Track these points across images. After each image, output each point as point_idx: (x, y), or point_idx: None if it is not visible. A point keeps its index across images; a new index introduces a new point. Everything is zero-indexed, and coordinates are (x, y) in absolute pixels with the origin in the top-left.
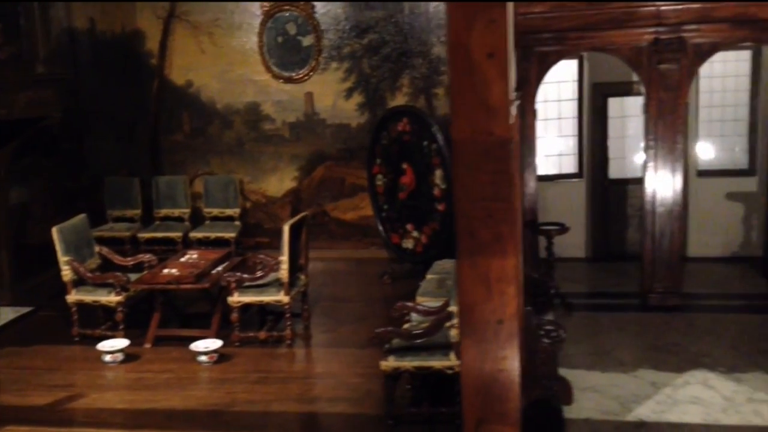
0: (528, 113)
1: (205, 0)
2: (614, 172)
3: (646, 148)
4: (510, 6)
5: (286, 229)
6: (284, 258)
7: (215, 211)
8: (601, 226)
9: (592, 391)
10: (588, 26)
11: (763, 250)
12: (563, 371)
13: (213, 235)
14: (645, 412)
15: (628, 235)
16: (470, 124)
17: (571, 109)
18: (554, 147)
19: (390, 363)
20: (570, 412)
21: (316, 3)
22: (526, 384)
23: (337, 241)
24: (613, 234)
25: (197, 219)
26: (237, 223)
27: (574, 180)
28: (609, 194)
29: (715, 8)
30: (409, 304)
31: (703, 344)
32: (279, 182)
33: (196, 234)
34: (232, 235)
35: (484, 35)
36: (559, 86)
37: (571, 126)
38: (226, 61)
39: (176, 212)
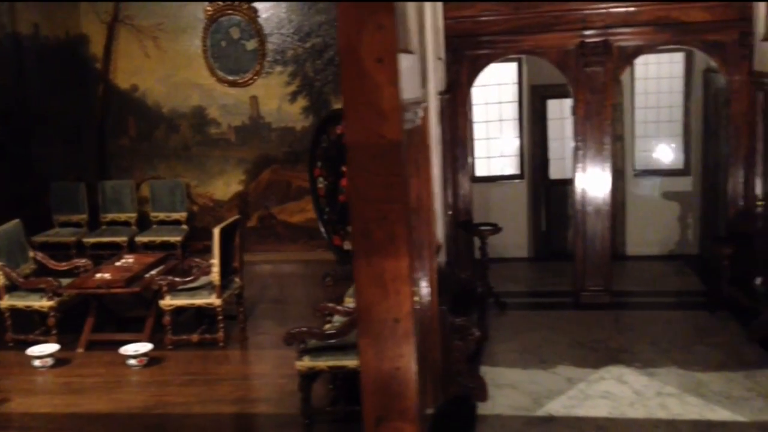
0: (460, 115)
1: (150, 0)
2: (554, 172)
3: (575, 149)
4: (439, 10)
5: (216, 232)
6: (215, 261)
7: (162, 215)
8: (543, 226)
9: (509, 387)
10: (517, 30)
11: (698, 248)
12: (486, 368)
13: (159, 239)
14: (556, 407)
15: (568, 234)
16: (362, 127)
17: (511, 111)
18: (496, 148)
19: (305, 363)
20: (484, 408)
21: (259, 7)
22: (443, 381)
23: (284, 243)
24: (554, 234)
25: (144, 223)
26: (184, 226)
27: (516, 181)
28: (550, 195)
29: (638, 12)
30: (331, 305)
31: (624, 340)
32: (226, 186)
33: (141, 238)
34: (178, 238)
35: (373, 40)
36: (500, 89)
37: (512, 128)
38: (170, 65)
39: (123, 217)
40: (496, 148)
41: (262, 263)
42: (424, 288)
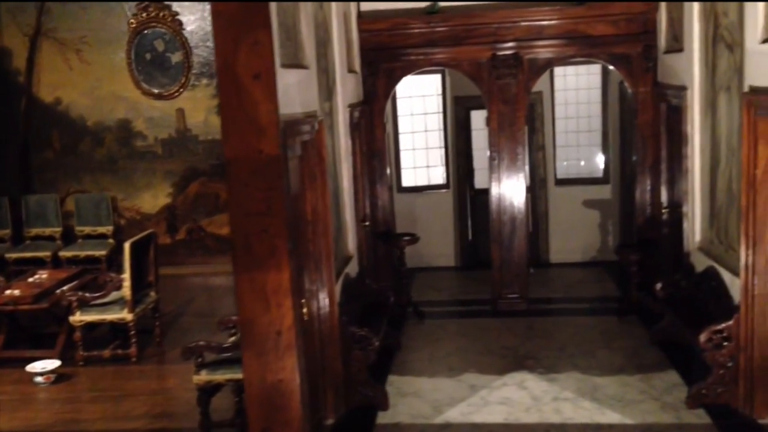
0: (377, 127)
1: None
2: (479, 182)
3: (490, 160)
4: (353, 24)
5: (126, 247)
6: (126, 276)
7: (87, 230)
8: (469, 236)
9: (413, 396)
10: (431, 43)
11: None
12: (394, 377)
13: (83, 253)
14: (454, 414)
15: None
16: (241, 142)
17: (436, 121)
18: (422, 159)
19: (202, 377)
20: (384, 417)
21: (184, 20)
22: (344, 391)
23: (214, 255)
24: (480, 243)
25: (70, 237)
26: (110, 240)
27: (442, 191)
28: (475, 204)
29: (547, 26)
30: (234, 317)
31: (533, 347)
32: (153, 199)
33: (66, 253)
34: (103, 253)
35: (249, 57)
36: (425, 100)
37: (437, 138)
38: (94, 78)
39: (47, 231)
40: (422, 158)
41: (192, 276)
42: (323, 299)
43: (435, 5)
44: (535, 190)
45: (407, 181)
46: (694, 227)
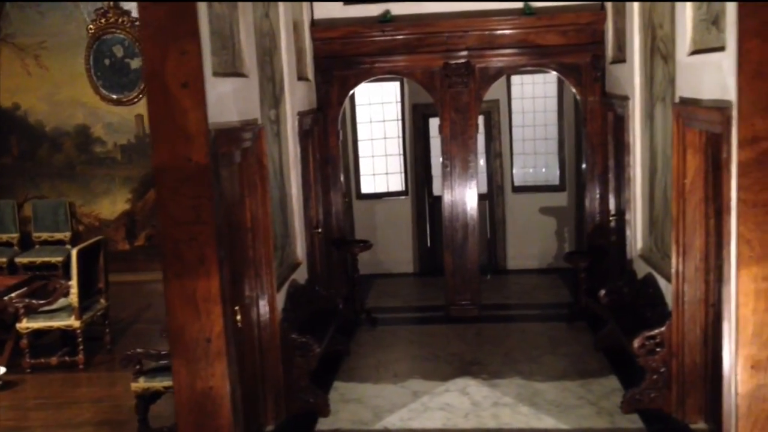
0: (331, 135)
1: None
2: (438, 189)
3: (443, 167)
4: (305, 32)
5: (73, 254)
6: (73, 283)
7: (45, 235)
8: (427, 242)
9: (356, 402)
10: (383, 51)
11: None
12: (339, 384)
13: (39, 259)
14: (393, 420)
15: None
16: (169, 150)
17: (395, 129)
18: (381, 166)
19: (140, 384)
20: (324, 423)
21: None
22: (285, 398)
23: None
24: (439, 249)
25: (28, 243)
26: (68, 246)
27: (401, 198)
28: (433, 211)
29: (497, 36)
30: None
31: (480, 353)
32: (112, 205)
33: (22, 259)
34: (60, 259)
35: (177, 66)
36: (384, 107)
37: (396, 145)
38: (53, 84)
39: (4, 237)
40: (381, 165)
41: (150, 283)
42: (263, 306)
43: (387, 14)
44: (493, 197)
45: (366, 188)
46: (636, 235)
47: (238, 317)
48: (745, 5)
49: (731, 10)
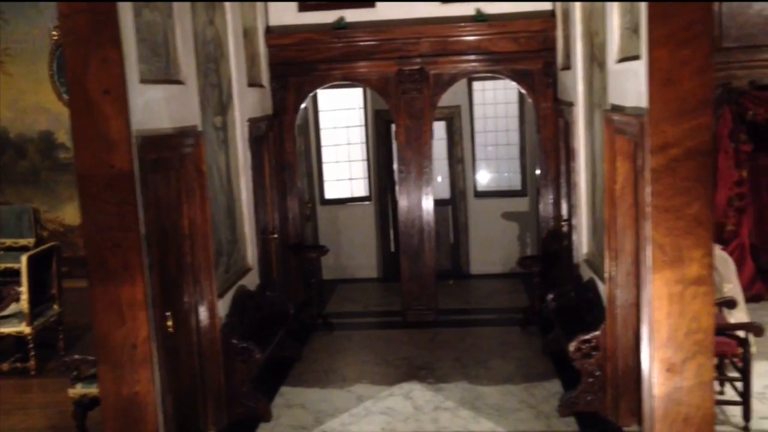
0: (287, 140)
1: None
2: None
3: (399, 173)
4: (260, 39)
5: (23, 260)
6: (23, 289)
7: (9, 242)
8: (391, 247)
9: (299, 407)
10: (338, 58)
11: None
12: (286, 389)
13: (2, 265)
14: (334, 424)
15: None
16: (92, 157)
17: (359, 135)
18: (345, 171)
19: (77, 390)
20: (265, 428)
21: None
22: (226, 403)
23: None
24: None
25: None
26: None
27: (365, 203)
28: (397, 216)
29: (451, 42)
30: None
31: (430, 357)
32: (76, 210)
33: None
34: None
35: (99, 73)
36: (347, 113)
37: (360, 151)
38: (17, 90)
39: None
40: (345, 171)
41: None
42: (203, 312)
43: (342, 21)
44: (455, 202)
45: (330, 193)
46: (582, 239)
47: (170, 323)
48: (655, 15)
49: (644, 19)
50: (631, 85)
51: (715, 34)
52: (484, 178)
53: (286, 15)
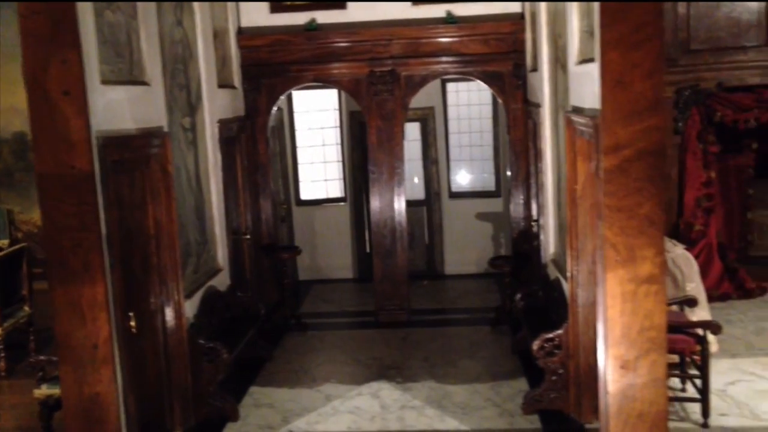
0: (260, 142)
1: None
2: None
3: (370, 174)
4: (231, 40)
5: None
6: None
7: None
8: (366, 248)
9: (267, 407)
10: (310, 59)
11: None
12: (256, 388)
13: None
14: (300, 424)
15: None
16: (52, 158)
17: (334, 136)
18: (320, 172)
19: (42, 391)
20: (232, 428)
21: None
22: (193, 403)
23: None
24: None
25: None
26: None
27: (340, 204)
28: (372, 217)
29: (422, 44)
30: None
31: (400, 357)
32: None
33: None
34: None
35: (59, 74)
36: (322, 115)
37: (335, 152)
38: None
39: None
40: (320, 172)
41: None
42: (169, 312)
43: (313, 22)
44: (430, 203)
45: (306, 194)
46: (549, 240)
47: (133, 323)
48: (606, 18)
49: (597, 22)
50: (588, 87)
51: (683, 36)
52: (458, 178)
53: (258, 16)
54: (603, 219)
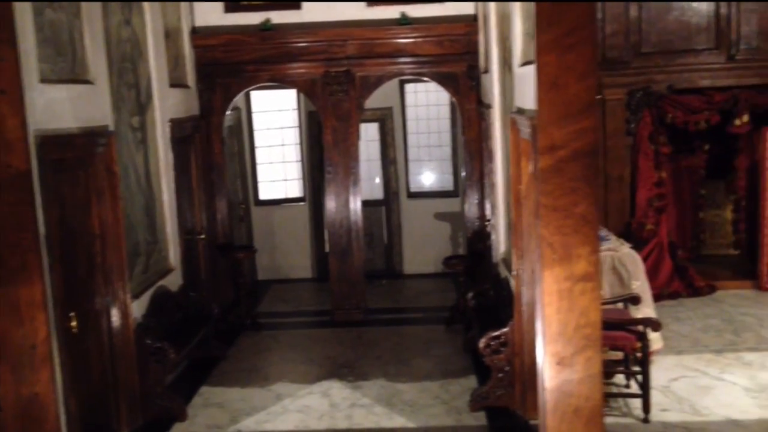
0: (215, 141)
1: None
2: None
3: (326, 174)
4: (185, 39)
5: None
6: None
7: None
8: (326, 247)
9: (216, 406)
10: (265, 59)
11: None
12: (207, 388)
13: None
14: (248, 422)
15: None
16: None
17: (293, 136)
18: (280, 172)
19: None
20: (179, 428)
21: None
22: (141, 403)
23: None
24: None
25: None
26: None
27: (299, 204)
28: None
29: (377, 45)
30: None
31: (354, 355)
32: None
33: None
34: None
35: None
36: (281, 114)
37: (294, 152)
38: None
39: None
40: (280, 172)
41: None
42: (115, 312)
43: (268, 22)
44: (389, 202)
45: (265, 194)
46: (500, 239)
47: (74, 323)
48: (541, 21)
49: (533, 25)
50: (529, 88)
51: (634, 39)
52: (417, 178)
53: (212, 16)
54: (540, 218)
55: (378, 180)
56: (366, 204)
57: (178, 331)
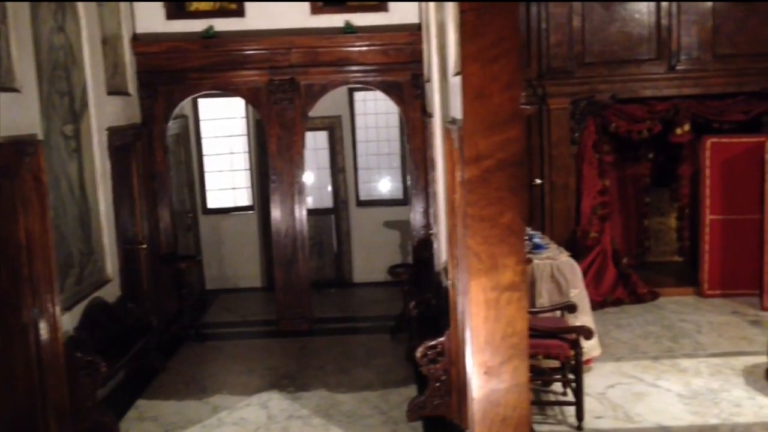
0: (157, 149)
1: None
2: None
3: (270, 182)
4: (125, 46)
5: None
6: None
7: None
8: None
9: (151, 420)
10: (208, 67)
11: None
12: (143, 401)
13: None
14: None
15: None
16: None
17: (241, 144)
18: (228, 181)
19: None
20: None
21: None
22: (72, 418)
23: None
24: None
25: None
26: None
27: (248, 212)
28: None
29: (321, 53)
30: None
31: (296, 366)
32: None
33: None
34: None
35: None
36: (229, 122)
37: (242, 160)
38: None
39: None
40: (228, 180)
41: None
42: (43, 325)
43: (210, 29)
44: (338, 211)
45: (212, 203)
46: (441, 248)
47: None
48: (465, 31)
49: (459, 35)
50: (459, 98)
51: (578, 49)
52: (366, 187)
53: (154, 22)
54: (467, 228)
55: (329, 188)
56: (315, 212)
57: (114, 343)
